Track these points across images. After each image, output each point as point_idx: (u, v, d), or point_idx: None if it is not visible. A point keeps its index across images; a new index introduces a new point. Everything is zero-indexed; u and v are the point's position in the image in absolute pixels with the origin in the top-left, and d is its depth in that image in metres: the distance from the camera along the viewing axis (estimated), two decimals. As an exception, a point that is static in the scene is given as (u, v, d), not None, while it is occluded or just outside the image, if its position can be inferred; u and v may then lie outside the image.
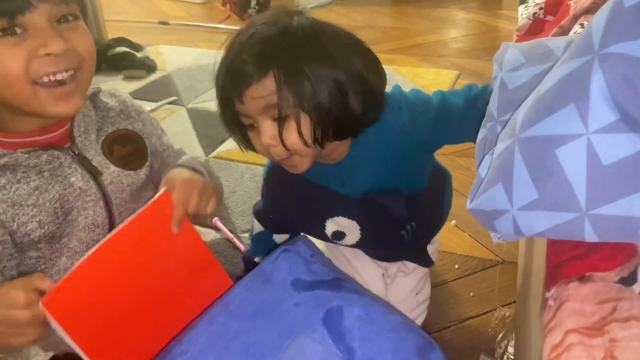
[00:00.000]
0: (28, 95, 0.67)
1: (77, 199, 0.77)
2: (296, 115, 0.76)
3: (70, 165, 0.77)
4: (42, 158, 0.74)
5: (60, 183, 0.76)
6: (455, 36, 3.02)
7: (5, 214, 0.71)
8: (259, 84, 0.75)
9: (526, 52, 0.71)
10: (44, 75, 0.67)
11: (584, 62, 0.54)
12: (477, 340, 1.15)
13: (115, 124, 0.86)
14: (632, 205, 0.50)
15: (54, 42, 0.65)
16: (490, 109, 0.71)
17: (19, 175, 0.72)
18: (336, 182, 0.91)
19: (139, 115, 0.91)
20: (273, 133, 0.77)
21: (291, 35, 0.77)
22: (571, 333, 0.44)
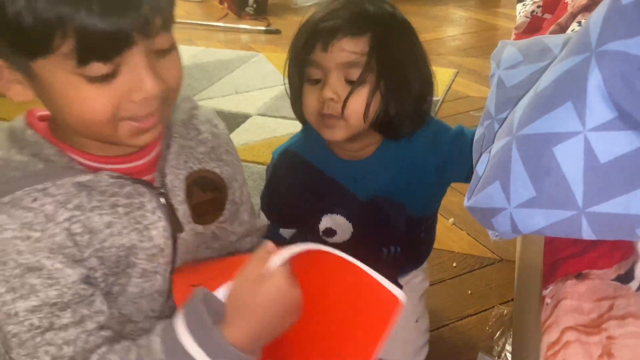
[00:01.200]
0: (109, 132, 0.56)
1: (151, 259, 0.63)
2: (372, 85, 0.79)
3: (154, 212, 0.62)
4: (124, 189, 0.61)
5: (140, 233, 0.61)
6: (454, 34, 3.02)
7: (82, 235, 0.58)
8: (353, 39, 0.77)
9: (524, 50, 0.71)
10: (132, 117, 0.56)
11: (581, 60, 0.54)
12: (475, 338, 1.16)
13: (202, 161, 0.69)
14: (629, 203, 0.50)
15: (150, 84, 0.54)
16: (488, 107, 0.71)
17: (93, 203, 0.59)
18: (349, 179, 0.90)
19: (229, 155, 0.74)
20: (338, 88, 0.79)
21: (392, 17, 0.82)
22: (568, 331, 0.44)
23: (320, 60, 0.79)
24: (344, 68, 0.79)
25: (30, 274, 0.55)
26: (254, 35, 3.18)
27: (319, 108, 0.81)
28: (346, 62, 0.78)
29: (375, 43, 0.78)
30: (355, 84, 0.78)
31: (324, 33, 0.78)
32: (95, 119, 0.54)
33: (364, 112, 0.80)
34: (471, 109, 2.10)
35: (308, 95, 0.83)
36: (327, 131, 0.83)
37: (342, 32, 0.77)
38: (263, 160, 1.87)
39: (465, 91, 2.29)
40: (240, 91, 2.42)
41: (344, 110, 0.79)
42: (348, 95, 0.79)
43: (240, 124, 2.14)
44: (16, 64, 0.53)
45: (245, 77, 2.57)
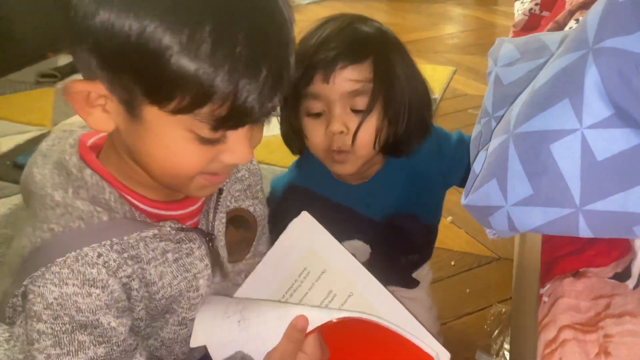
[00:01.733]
0: (185, 183, 0.56)
1: (192, 308, 0.62)
2: (380, 111, 0.76)
3: (202, 259, 0.61)
4: (176, 236, 0.59)
5: (187, 283, 0.61)
6: (452, 32, 3.02)
7: (139, 291, 0.57)
8: (355, 66, 0.74)
9: (521, 47, 0.70)
10: (212, 173, 0.56)
11: (578, 57, 0.53)
12: (473, 337, 1.16)
13: (238, 200, 0.69)
14: (626, 201, 0.50)
15: (246, 153, 0.54)
16: (485, 105, 0.70)
17: (149, 255, 0.58)
18: (361, 204, 0.86)
19: (262, 193, 0.75)
20: (346, 120, 0.75)
21: (387, 36, 0.79)
22: (565, 329, 0.43)
23: (321, 93, 0.75)
24: (348, 98, 0.75)
25: (82, 331, 0.54)
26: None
27: (327, 143, 0.77)
28: (351, 91, 0.74)
29: (378, 66, 0.75)
30: (364, 113, 0.75)
31: (322, 64, 0.74)
32: (187, 173, 0.54)
33: (375, 141, 0.77)
34: (469, 107, 2.10)
35: (312, 130, 0.78)
36: (339, 166, 0.80)
37: (343, 60, 0.73)
38: (261, 159, 1.86)
39: (463, 89, 2.29)
40: (238, 89, 2.42)
41: (354, 142, 0.76)
42: (358, 127, 0.75)
43: (238, 123, 2.14)
44: (126, 100, 0.50)
45: (243, 76, 2.56)
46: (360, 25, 0.78)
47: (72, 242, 0.54)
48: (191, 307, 0.62)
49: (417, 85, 0.81)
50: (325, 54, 0.74)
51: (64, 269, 0.53)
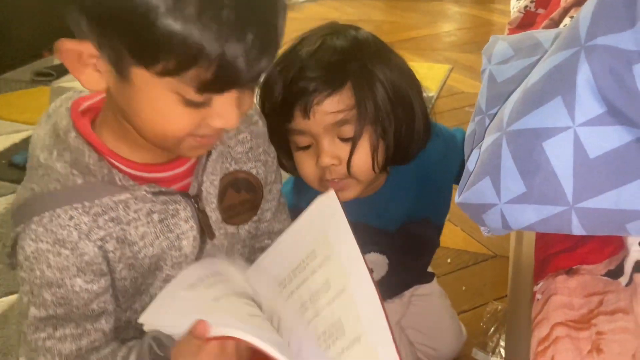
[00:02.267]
0: (176, 144, 0.57)
1: (176, 267, 0.64)
2: (370, 134, 0.72)
3: (187, 220, 0.63)
4: (159, 197, 0.61)
5: (169, 242, 0.63)
6: (449, 30, 3.02)
7: (115, 252, 0.60)
8: (334, 97, 0.69)
9: (515, 45, 0.70)
10: (202, 136, 0.57)
11: (570, 54, 0.54)
12: (469, 334, 1.16)
13: (239, 162, 0.69)
14: (619, 198, 0.50)
15: (234, 117, 0.55)
16: (479, 103, 0.70)
17: (130, 216, 0.60)
18: (372, 216, 0.83)
19: (267, 155, 0.73)
20: (336, 152, 0.72)
21: (364, 46, 0.73)
22: (558, 326, 0.44)
23: (304, 128, 0.71)
24: (333, 129, 0.71)
25: (47, 289, 0.58)
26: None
27: (320, 175, 0.75)
28: (334, 123, 0.70)
29: (359, 88, 0.70)
30: (353, 141, 0.71)
31: (299, 99, 0.70)
32: (174, 135, 0.55)
33: (372, 165, 0.73)
34: (466, 105, 2.10)
35: (303, 164, 0.75)
36: (339, 194, 0.75)
37: (320, 92, 0.69)
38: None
39: (460, 87, 2.29)
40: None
41: (349, 170, 0.73)
42: (350, 156, 0.72)
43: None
44: (114, 60, 0.51)
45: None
46: (334, 40, 0.73)
47: (47, 203, 0.57)
48: (174, 265, 0.64)
49: (406, 88, 0.75)
50: (301, 86, 0.70)
51: (40, 227, 0.56)
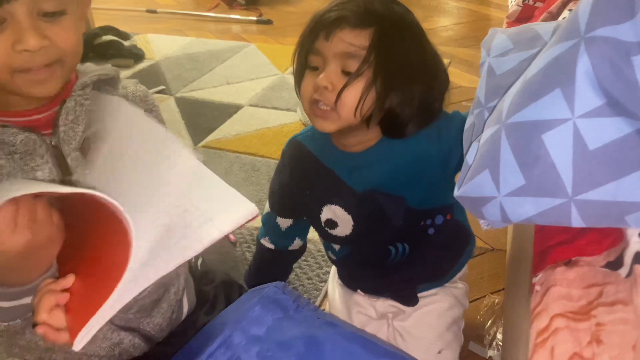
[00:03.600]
0: (6, 80, 0.65)
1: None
2: (368, 80, 0.78)
3: (42, 156, 0.70)
4: (17, 138, 0.69)
5: (25, 173, 0.69)
6: (446, 24, 3.01)
7: None
8: (354, 30, 0.77)
9: (514, 38, 0.70)
10: (24, 69, 0.65)
11: (570, 46, 0.53)
12: (466, 328, 1.16)
13: None
14: (618, 190, 0.50)
15: (29, 38, 0.62)
16: (478, 96, 0.70)
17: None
18: (344, 171, 0.89)
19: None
20: (333, 78, 0.79)
21: (402, 16, 0.82)
22: (557, 317, 0.44)
23: (321, 49, 0.80)
24: (342, 58, 0.78)
25: None
26: (245, 26, 3.16)
27: (312, 94, 0.81)
28: (344, 52, 0.78)
29: (377, 39, 0.77)
30: (351, 76, 0.78)
31: (328, 22, 0.79)
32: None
33: (356, 106, 0.79)
34: (463, 99, 2.09)
35: (305, 80, 0.83)
36: (318, 120, 0.83)
37: (345, 22, 0.78)
38: (255, 151, 1.87)
39: (457, 81, 2.29)
40: (231, 82, 2.41)
41: (337, 101, 0.79)
42: (343, 87, 0.78)
43: (232, 115, 2.13)
44: None
45: (236, 68, 2.55)
46: (379, 1, 0.81)
47: None
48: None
49: (426, 72, 0.82)
50: (332, 14, 0.79)
51: None
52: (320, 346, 0.72)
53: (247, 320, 0.74)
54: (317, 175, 0.92)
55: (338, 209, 0.91)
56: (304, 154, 0.92)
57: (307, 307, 0.80)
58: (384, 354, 0.73)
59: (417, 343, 0.99)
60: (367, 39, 0.77)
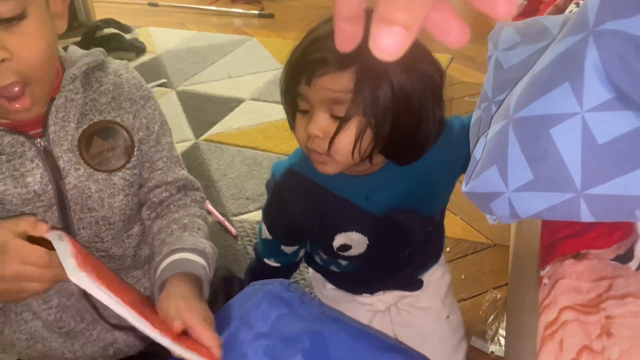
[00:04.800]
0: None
1: (27, 203, 0.67)
2: (360, 123, 0.72)
3: (33, 160, 0.67)
4: (4, 139, 0.65)
5: (15, 180, 0.66)
6: (448, 19, 3.00)
7: None
8: (335, 75, 0.70)
9: (522, 31, 0.70)
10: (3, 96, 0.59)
11: (578, 40, 0.53)
12: (468, 323, 1.16)
13: (103, 112, 0.72)
14: (628, 184, 0.49)
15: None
16: (485, 89, 0.70)
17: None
18: (359, 197, 0.84)
19: (133, 106, 0.76)
20: (324, 126, 0.73)
21: None
22: (566, 310, 0.44)
23: (305, 94, 0.73)
24: (328, 104, 0.72)
25: None
26: (247, 19, 3.15)
27: (306, 141, 0.76)
28: (328, 99, 0.71)
29: (360, 79, 0.70)
30: (340, 123, 0.72)
31: (308, 67, 0.72)
32: None
33: (352, 150, 0.73)
34: (466, 95, 2.09)
35: (298, 126, 0.78)
36: (318, 166, 0.78)
37: (324, 67, 0.70)
38: (256, 145, 1.86)
39: (460, 77, 2.28)
40: (233, 76, 2.41)
41: (330, 148, 0.74)
42: (335, 134, 0.72)
43: (234, 109, 2.13)
44: None
45: (238, 62, 2.55)
46: None
47: None
48: (24, 202, 0.67)
49: (420, 99, 0.74)
50: (312, 55, 0.72)
51: None
52: (326, 341, 0.72)
53: (252, 317, 0.74)
54: (328, 206, 0.86)
55: (354, 234, 0.87)
56: (308, 185, 0.85)
57: (312, 302, 0.80)
58: (389, 349, 0.73)
59: (425, 315, 1.03)
60: (350, 80, 0.70)
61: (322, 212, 0.86)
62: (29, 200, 0.67)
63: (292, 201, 0.88)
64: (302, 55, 0.72)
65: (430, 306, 1.03)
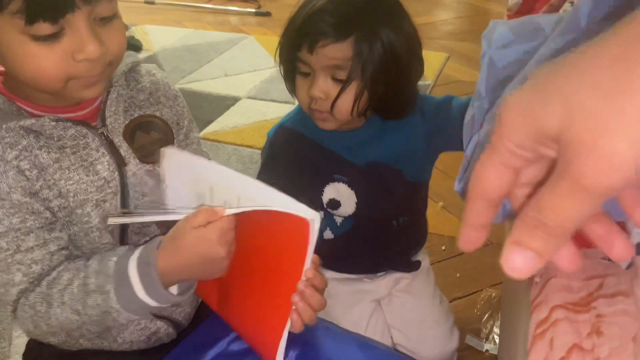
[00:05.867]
0: (59, 88, 0.63)
1: (99, 190, 0.70)
2: (359, 83, 0.80)
3: (98, 149, 0.70)
4: (68, 132, 0.68)
5: (86, 169, 0.69)
6: (445, 18, 3.01)
7: (31, 171, 0.65)
8: (336, 44, 0.78)
9: (515, 29, 0.70)
10: (79, 77, 0.63)
11: (570, 40, 0.53)
12: (463, 321, 1.16)
13: (142, 107, 0.77)
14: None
15: (91, 47, 0.60)
16: (478, 88, 0.70)
17: (41, 142, 0.66)
18: (344, 149, 0.92)
19: (168, 101, 0.80)
20: (326, 88, 0.81)
21: (380, 6, 0.82)
22: (557, 309, 0.44)
23: (307, 60, 0.81)
24: (330, 69, 0.81)
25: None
26: (244, 17, 3.15)
27: (309, 102, 0.84)
28: (330, 65, 0.80)
29: (359, 46, 0.79)
30: (342, 87, 0.81)
31: (308, 36, 0.80)
32: (43, 76, 0.61)
33: (352, 109, 0.82)
34: (462, 94, 2.09)
35: (300, 87, 0.86)
36: (320, 122, 0.87)
37: (325, 37, 0.78)
38: (252, 144, 1.86)
39: (456, 75, 2.29)
40: (229, 74, 2.41)
41: (332, 108, 0.82)
42: (337, 96, 0.81)
43: (230, 107, 2.13)
44: None
45: (235, 60, 2.54)
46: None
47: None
48: (98, 189, 0.70)
49: (406, 57, 0.83)
50: (313, 26, 0.79)
51: None
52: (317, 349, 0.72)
53: None
54: (317, 156, 0.93)
55: (342, 186, 0.94)
56: (299, 138, 0.93)
57: None
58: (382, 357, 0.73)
59: (419, 300, 1.08)
60: (350, 49, 0.79)
61: (312, 163, 0.94)
62: (100, 188, 0.70)
63: (286, 155, 0.96)
64: (303, 26, 0.81)
65: (423, 291, 1.08)
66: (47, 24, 0.57)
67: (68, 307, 0.65)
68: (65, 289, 0.65)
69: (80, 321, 0.66)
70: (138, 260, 0.64)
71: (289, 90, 0.91)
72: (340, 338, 0.76)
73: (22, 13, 0.55)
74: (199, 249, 0.62)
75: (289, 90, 0.91)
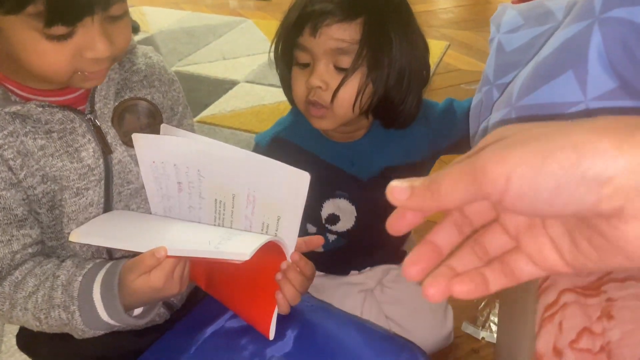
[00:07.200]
0: (64, 80, 0.64)
1: (82, 178, 0.70)
2: (363, 74, 0.74)
3: (84, 135, 0.69)
4: (55, 116, 0.67)
5: (70, 155, 0.69)
6: (446, 7, 2.99)
7: (15, 160, 0.66)
8: (342, 24, 0.72)
9: (525, 14, 0.69)
10: (84, 70, 0.64)
11: (584, 27, 0.53)
12: (459, 309, 1.17)
13: (134, 89, 0.76)
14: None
15: (101, 47, 0.61)
16: (486, 72, 0.69)
17: (27, 128, 0.66)
18: (345, 162, 0.87)
19: (163, 86, 0.79)
20: (327, 77, 0.75)
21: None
22: (566, 292, 0.44)
23: (308, 45, 0.75)
24: (333, 55, 0.74)
25: None
26: (243, 1, 3.12)
27: (306, 94, 0.77)
28: (335, 49, 0.73)
29: (368, 29, 0.73)
30: (346, 74, 0.74)
31: (313, 16, 0.73)
32: (52, 71, 0.61)
33: (354, 103, 0.76)
34: (462, 82, 2.09)
35: (296, 79, 0.79)
36: (316, 121, 0.80)
37: (332, 16, 0.72)
38: (250, 128, 1.86)
39: (456, 64, 2.28)
40: (227, 57, 2.39)
41: (333, 100, 0.75)
42: (339, 86, 0.74)
43: (228, 91, 2.12)
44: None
45: (233, 43, 2.52)
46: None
47: None
48: (80, 177, 0.70)
49: (414, 54, 0.78)
50: (317, 6, 0.73)
51: None
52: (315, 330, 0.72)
53: None
54: (317, 171, 0.88)
55: (342, 202, 0.89)
56: (295, 151, 0.86)
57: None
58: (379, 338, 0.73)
59: (410, 288, 1.05)
60: (358, 31, 0.73)
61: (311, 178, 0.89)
62: (84, 175, 0.70)
63: None
64: (307, 6, 0.74)
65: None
66: (63, 27, 0.58)
67: (30, 313, 0.66)
68: (30, 297, 0.66)
69: (41, 328, 0.67)
70: (102, 287, 0.65)
71: (284, 88, 0.84)
72: (338, 319, 0.76)
73: (40, 16, 0.55)
74: (150, 294, 0.65)
75: (284, 88, 0.84)
